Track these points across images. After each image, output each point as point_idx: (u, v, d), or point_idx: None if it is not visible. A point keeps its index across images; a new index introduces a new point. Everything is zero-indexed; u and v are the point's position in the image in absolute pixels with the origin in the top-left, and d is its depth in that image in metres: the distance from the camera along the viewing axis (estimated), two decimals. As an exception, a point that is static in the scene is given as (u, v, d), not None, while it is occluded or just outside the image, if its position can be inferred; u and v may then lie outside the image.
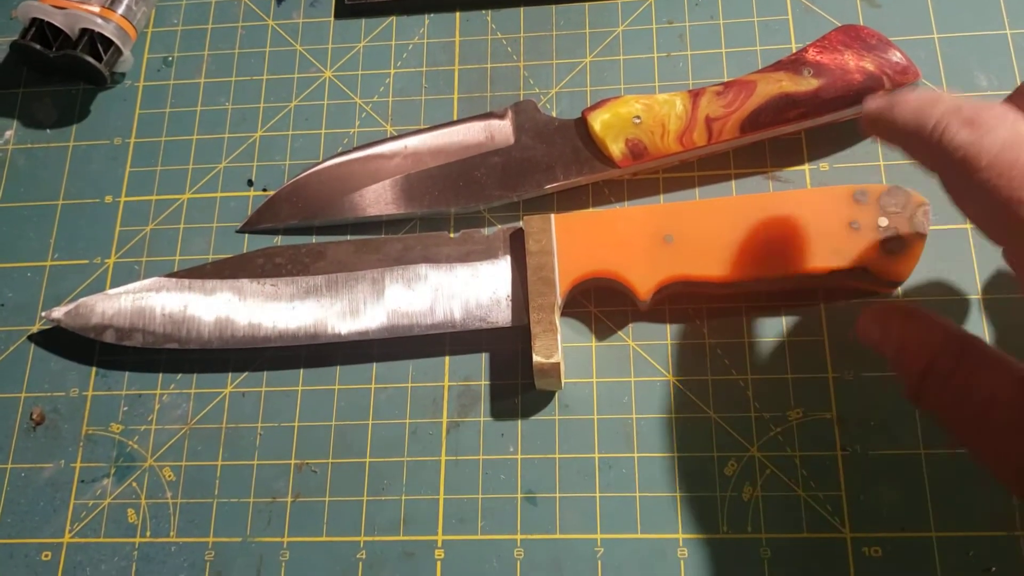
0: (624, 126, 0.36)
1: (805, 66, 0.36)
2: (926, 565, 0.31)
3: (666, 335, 0.36)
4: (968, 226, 0.36)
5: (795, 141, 0.38)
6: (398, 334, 0.35)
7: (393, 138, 0.40)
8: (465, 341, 0.37)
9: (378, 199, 0.39)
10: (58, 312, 0.37)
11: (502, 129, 0.39)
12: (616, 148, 0.36)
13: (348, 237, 0.39)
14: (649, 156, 0.36)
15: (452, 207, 0.38)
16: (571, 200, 0.38)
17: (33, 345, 0.39)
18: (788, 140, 0.38)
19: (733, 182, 0.38)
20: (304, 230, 0.39)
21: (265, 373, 0.37)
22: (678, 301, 0.36)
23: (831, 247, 0.33)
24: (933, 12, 0.40)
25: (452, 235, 0.37)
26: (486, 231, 0.37)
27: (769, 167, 0.38)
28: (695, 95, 0.36)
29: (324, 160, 0.40)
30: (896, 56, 0.36)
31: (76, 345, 0.38)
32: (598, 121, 0.37)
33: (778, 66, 0.37)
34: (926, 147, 0.27)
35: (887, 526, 0.32)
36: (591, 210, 0.38)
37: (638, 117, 0.36)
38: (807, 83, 0.36)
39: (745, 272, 0.34)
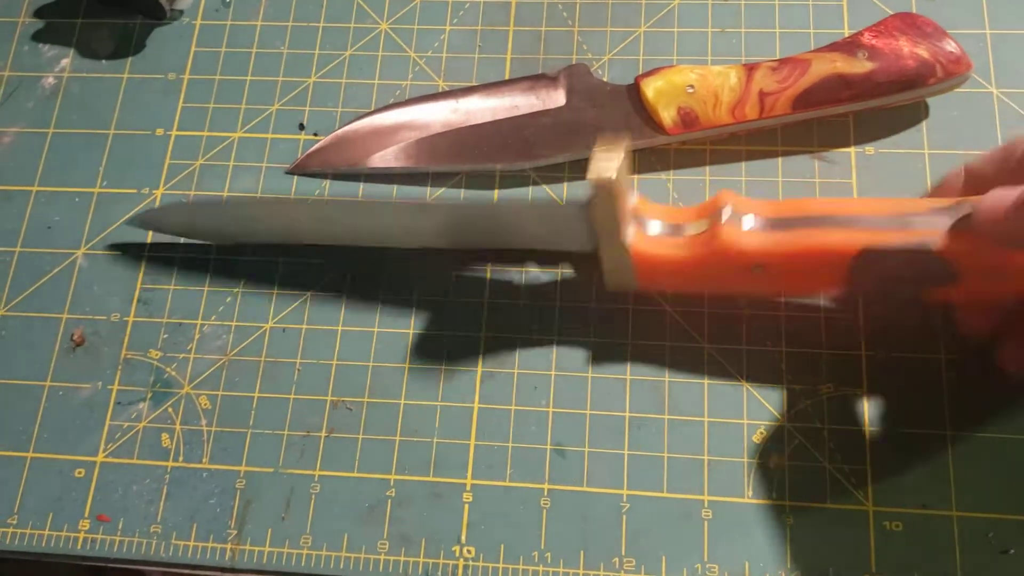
0: (677, 94, 0.37)
1: (860, 49, 0.36)
2: (945, 543, 0.32)
3: (703, 304, 0.36)
4: None
5: (842, 124, 0.38)
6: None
7: (445, 93, 0.40)
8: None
9: (427, 151, 0.39)
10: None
11: (554, 91, 0.39)
12: (667, 115, 0.37)
13: (395, 187, 0.39)
14: (700, 126, 0.37)
15: (500, 164, 0.39)
16: (617, 165, 0.39)
17: (77, 268, 0.39)
18: (836, 122, 0.38)
19: (780, 160, 0.38)
20: (351, 176, 0.40)
21: (307, 310, 0.37)
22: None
23: None
24: (987, 7, 0.40)
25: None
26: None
27: (816, 147, 0.38)
28: (749, 69, 0.37)
29: (376, 109, 0.40)
30: (950, 46, 0.36)
31: (120, 271, 0.39)
32: (651, 88, 0.37)
33: (833, 47, 0.37)
34: None
35: (909, 502, 0.33)
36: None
37: (691, 86, 0.37)
38: (861, 65, 0.36)
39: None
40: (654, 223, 0.33)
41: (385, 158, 0.39)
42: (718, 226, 0.31)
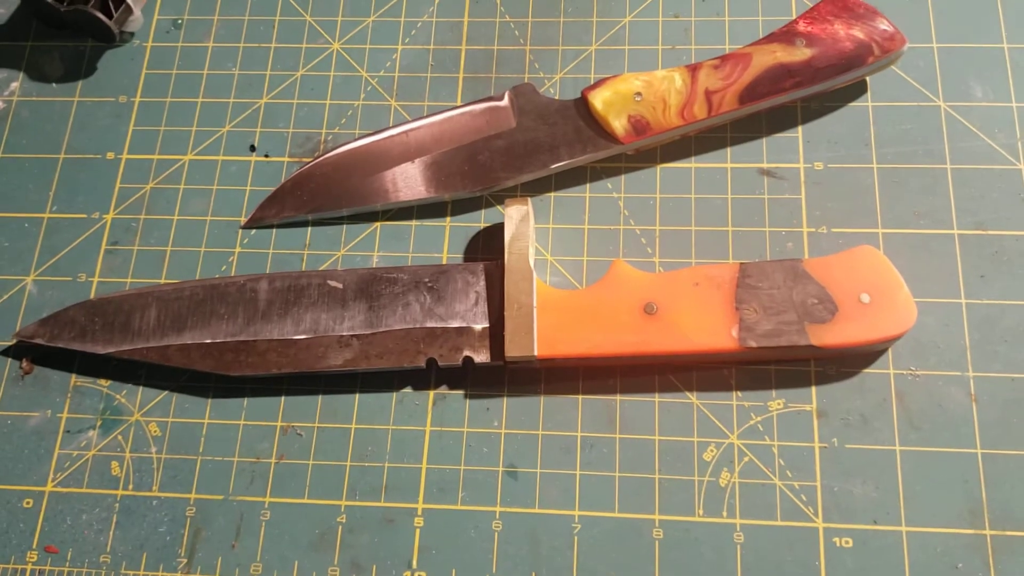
0: (625, 103, 0.37)
1: (797, 36, 0.37)
2: (895, 558, 0.32)
3: (654, 321, 0.36)
4: (955, 232, 0.37)
5: (792, 140, 0.39)
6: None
7: (395, 127, 0.40)
8: (456, 315, 0.37)
9: (383, 188, 0.39)
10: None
11: (503, 112, 0.39)
12: (619, 125, 0.37)
13: (344, 227, 0.39)
14: (651, 131, 0.37)
15: (458, 191, 0.38)
16: (569, 179, 0.39)
17: (26, 295, 0.39)
18: (785, 139, 0.39)
19: (729, 175, 0.38)
20: (300, 223, 0.39)
21: (256, 335, 0.37)
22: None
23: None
24: (933, 23, 0.40)
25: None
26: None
27: (765, 162, 0.38)
28: (693, 69, 0.37)
29: (325, 152, 0.40)
30: (883, 24, 0.37)
31: (69, 298, 0.38)
32: (599, 99, 0.37)
33: (771, 38, 0.38)
34: None
35: (859, 518, 0.33)
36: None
37: (639, 94, 0.37)
38: (801, 53, 0.37)
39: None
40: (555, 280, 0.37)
41: (342, 200, 0.39)
42: (613, 268, 0.35)
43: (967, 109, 0.39)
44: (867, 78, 0.39)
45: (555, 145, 0.38)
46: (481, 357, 0.35)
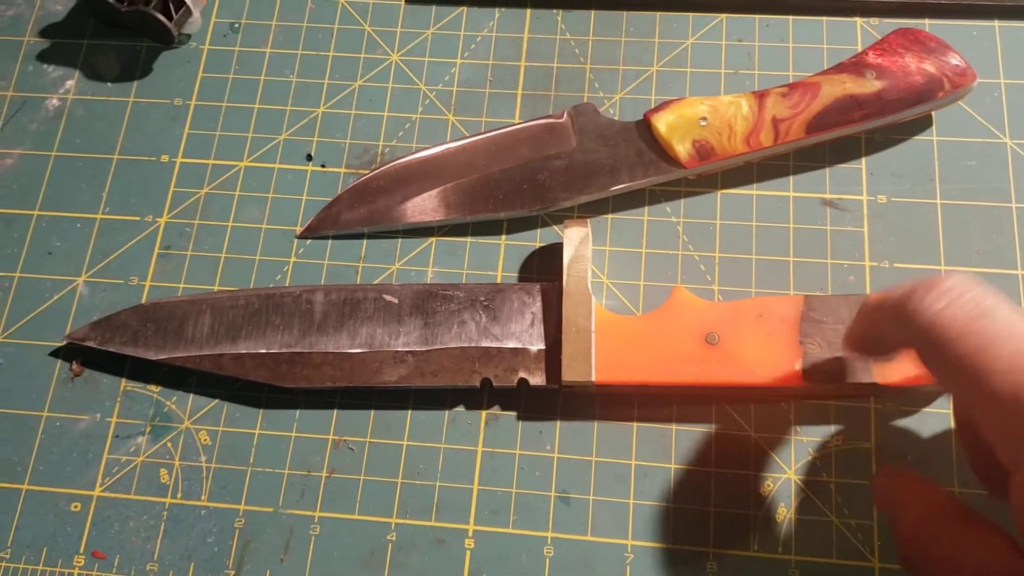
0: (690, 127, 0.37)
1: (867, 68, 0.37)
2: (951, 602, 0.32)
3: (711, 350, 0.36)
4: (1020, 272, 0.36)
5: (855, 171, 0.38)
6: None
7: (452, 141, 0.40)
8: (511, 336, 0.37)
9: (440, 204, 0.38)
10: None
11: (562, 131, 0.39)
12: (682, 149, 0.37)
13: (400, 240, 0.39)
14: (716, 157, 0.37)
15: (515, 210, 0.38)
16: (627, 202, 0.39)
17: (78, 296, 0.39)
18: (848, 170, 0.38)
19: (791, 205, 0.38)
20: (356, 235, 0.39)
21: (310, 347, 0.37)
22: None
23: None
24: (1001, 59, 0.40)
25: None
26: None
27: (828, 194, 0.38)
28: (760, 96, 0.37)
29: (382, 165, 0.39)
30: (955, 59, 0.37)
31: (121, 300, 0.38)
32: (663, 123, 0.37)
33: (840, 68, 0.37)
34: (900, 323, 0.26)
35: (916, 560, 0.32)
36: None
37: (704, 119, 0.37)
38: (870, 85, 0.36)
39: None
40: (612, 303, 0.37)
41: (397, 214, 0.38)
42: (674, 295, 0.35)
43: (1033, 147, 0.38)
44: (933, 112, 0.38)
45: (616, 167, 0.38)
46: (536, 380, 0.35)
